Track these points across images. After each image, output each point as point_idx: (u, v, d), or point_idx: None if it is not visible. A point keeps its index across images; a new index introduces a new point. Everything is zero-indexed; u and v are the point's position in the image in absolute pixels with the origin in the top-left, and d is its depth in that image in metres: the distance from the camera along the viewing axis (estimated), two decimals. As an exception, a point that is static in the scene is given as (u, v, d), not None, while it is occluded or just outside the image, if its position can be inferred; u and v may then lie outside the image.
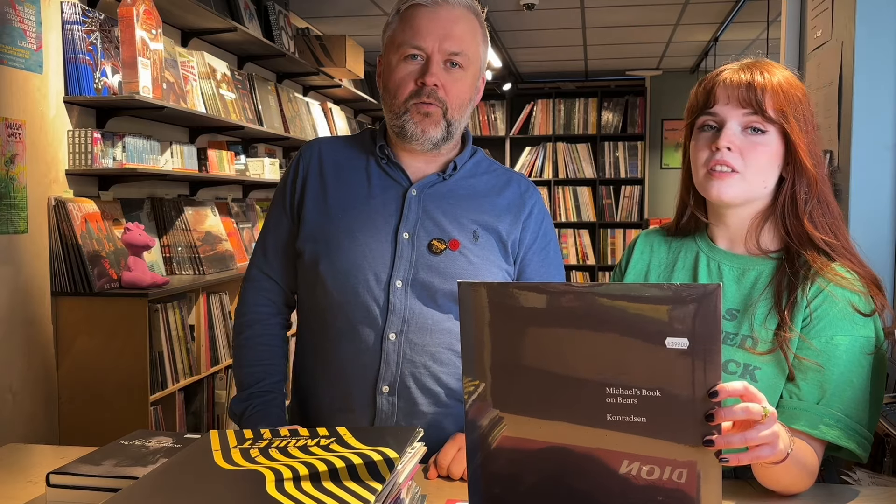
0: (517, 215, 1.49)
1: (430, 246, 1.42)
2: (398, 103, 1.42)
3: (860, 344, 1.17)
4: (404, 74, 1.42)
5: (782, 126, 1.20)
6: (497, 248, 1.46)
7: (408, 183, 1.47)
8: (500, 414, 0.96)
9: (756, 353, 1.20)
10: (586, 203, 7.67)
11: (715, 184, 1.22)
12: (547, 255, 1.52)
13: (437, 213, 1.45)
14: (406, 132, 1.43)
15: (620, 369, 0.90)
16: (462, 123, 1.47)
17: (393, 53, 1.43)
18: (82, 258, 2.68)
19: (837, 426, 1.14)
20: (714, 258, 1.31)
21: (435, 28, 1.40)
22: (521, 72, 7.39)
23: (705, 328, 0.87)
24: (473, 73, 1.46)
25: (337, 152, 1.52)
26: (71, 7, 2.75)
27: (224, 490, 0.90)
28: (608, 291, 0.91)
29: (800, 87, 1.24)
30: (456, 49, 1.41)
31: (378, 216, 1.44)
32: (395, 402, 1.41)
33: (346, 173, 1.49)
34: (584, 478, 0.94)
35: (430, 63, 1.40)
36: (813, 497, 1.17)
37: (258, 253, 1.56)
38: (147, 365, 2.69)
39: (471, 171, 1.51)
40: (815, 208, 1.23)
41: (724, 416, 0.89)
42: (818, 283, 1.20)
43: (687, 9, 5.11)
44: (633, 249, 1.43)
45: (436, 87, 1.40)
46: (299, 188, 1.50)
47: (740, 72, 1.22)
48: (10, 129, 2.51)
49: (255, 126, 3.94)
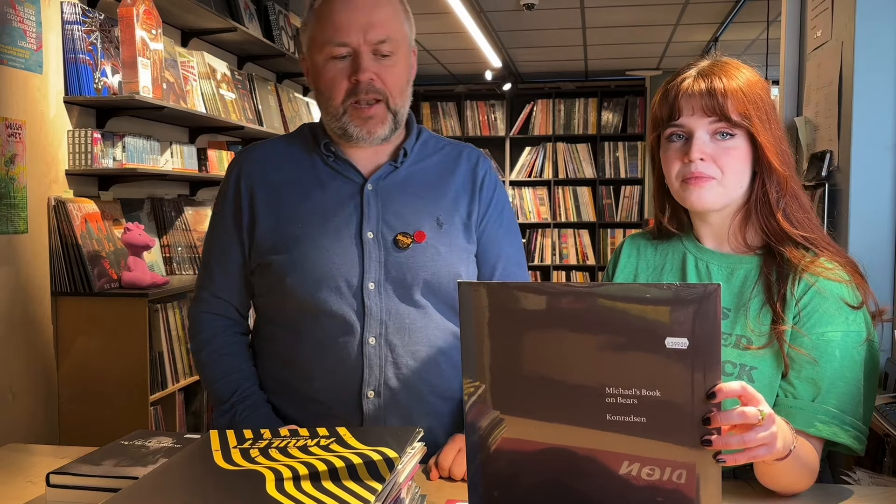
0: (473, 191, 1.47)
1: (396, 242, 1.39)
2: (335, 105, 1.38)
3: (851, 338, 1.18)
4: (335, 74, 1.37)
5: (748, 128, 1.21)
6: (461, 231, 1.44)
7: (361, 178, 1.43)
8: (500, 416, 0.96)
9: (753, 348, 1.20)
10: (586, 203, 7.67)
11: (693, 191, 1.23)
12: (502, 223, 1.49)
13: (397, 205, 1.41)
14: (349, 134, 1.39)
15: (620, 369, 0.90)
16: (406, 107, 1.43)
17: (317, 54, 1.38)
18: (82, 258, 2.68)
19: (833, 422, 1.15)
20: (702, 258, 1.31)
21: (355, 19, 1.34)
22: (521, 72, 7.39)
23: (705, 328, 0.87)
24: (404, 53, 1.41)
25: (278, 157, 1.47)
26: (71, 7, 2.75)
27: (224, 490, 0.90)
28: (608, 292, 0.91)
29: (760, 85, 1.24)
30: (382, 36, 1.35)
31: (337, 218, 1.40)
32: (380, 403, 1.39)
33: (293, 179, 1.43)
34: (583, 479, 0.94)
35: (360, 57, 1.35)
36: (813, 497, 1.17)
37: (204, 276, 1.50)
38: (147, 365, 2.69)
39: (420, 154, 1.47)
40: (788, 204, 1.24)
41: (722, 420, 0.89)
42: (805, 280, 1.21)
43: (687, 9, 5.11)
44: (620, 255, 1.43)
45: (372, 81, 1.36)
46: (246, 203, 1.43)
47: (699, 80, 1.22)
48: (10, 129, 2.51)
49: (255, 126, 3.94)
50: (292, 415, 1.44)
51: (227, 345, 1.49)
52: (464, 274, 1.43)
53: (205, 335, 1.49)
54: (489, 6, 5.01)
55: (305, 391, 1.42)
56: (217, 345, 1.48)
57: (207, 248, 1.51)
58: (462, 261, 1.43)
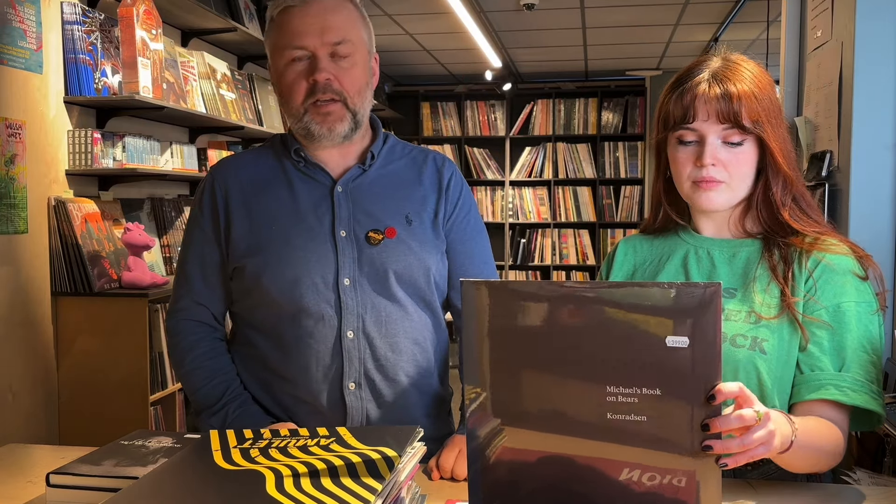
0: (439, 191, 1.52)
1: (368, 238, 1.44)
2: (296, 106, 1.44)
3: (864, 308, 1.22)
4: (294, 76, 1.43)
5: (758, 135, 1.24)
6: (430, 228, 1.49)
7: (330, 180, 1.48)
8: (501, 425, 0.96)
9: (765, 318, 1.22)
10: (586, 203, 7.67)
11: (703, 195, 1.27)
12: (469, 222, 1.55)
13: (367, 204, 1.47)
14: (312, 132, 1.44)
15: (621, 368, 0.90)
16: (366, 109, 1.49)
17: (278, 59, 1.44)
18: (82, 258, 2.68)
19: (862, 391, 1.18)
20: (702, 247, 1.34)
21: (311, 24, 1.40)
22: (521, 72, 7.39)
23: (706, 327, 0.88)
24: (362, 56, 1.46)
25: (249, 167, 1.52)
26: (71, 7, 2.75)
27: (224, 490, 0.90)
28: (610, 290, 0.91)
29: (769, 87, 1.27)
30: (337, 38, 1.41)
31: (310, 218, 1.45)
32: (362, 395, 1.43)
33: (266, 184, 1.49)
34: (584, 485, 0.94)
35: (317, 59, 1.41)
36: (813, 497, 1.18)
37: (182, 285, 1.52)
38: (147, 365, 2.69)
39: (387, 158, 1.53)
40: (793, 205, 1.28)
41: (720, 425, 0.90)
42: (814, 256, 1.25)
43: (687, 9, 5.11)
44: (615, 257, 1.45)
45: (329, 81, 1.41)
46: (222, 210, 1.48)
47: (714, 84, 1.24)
48: (10, 129, 2.51)
49: (255, 126, 3.94)
50: (277, 414, 1.47)
51: (211, 349, 1.51)
52: (433, 269, 1.49)
53: (188, 342, 1.51)
54: (489, 6, 5.01)
55: (287, 390, 1.45)
56: (201, 350, 1.50)
57: (184, 259, 1.53)
58: (432, 256, 1.48)
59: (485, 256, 1.58)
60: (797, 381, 1.22)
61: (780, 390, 1.21)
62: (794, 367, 1.22)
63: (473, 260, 1.55)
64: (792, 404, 1.22)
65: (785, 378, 1.22)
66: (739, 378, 1.20)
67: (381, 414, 1.44)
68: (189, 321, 1.52)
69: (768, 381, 1.20)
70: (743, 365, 1.21)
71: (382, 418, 1.44)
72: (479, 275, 1.54)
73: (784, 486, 1.22)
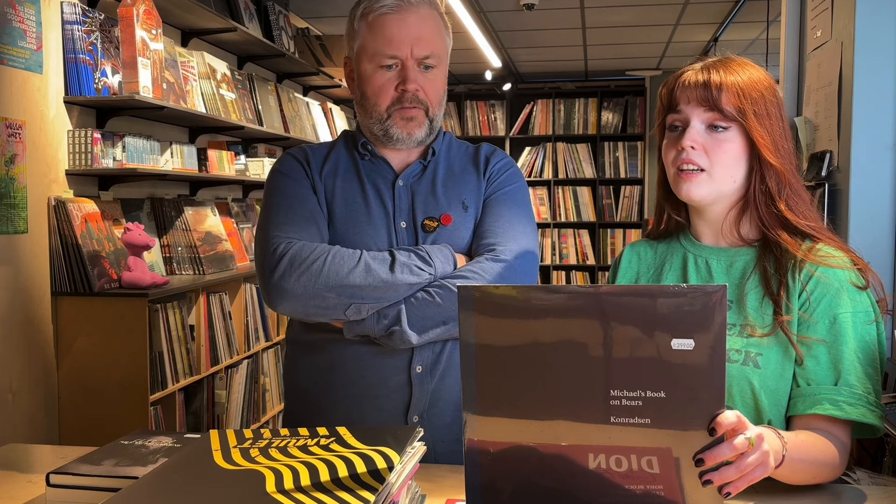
0: (486, 174, 1.57)
1: (424, 226, 1.50)
2: (380, 110, 1.50)
3: (861, 318, 1.20)
4: (383, 82, 1.49)
5: (742, 123, 1.23)
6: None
7: (393, 174, 1.55)
8: (501, 425, 0.96)
9: (757, 335, 1.21)
10: (586, 203, 7.67)
11: (684, 185, 1.27)
12: (507, 194, 1.54)
13: (426, 196, 1.52)
14: (392, 136, 1.51)
15: (625, 371, 0.90)
16: (441, 116, 1.56)
17: (367, 62, 1.49)
18: (82, 258, 2.68)
19: (859, 403, 1.16)
20: (700, 255, 1.33)
21: (406, 35, 1.46)
22: (520, 72, 7.39)
23: (711, 329, 0.87)
24: (444, 68, 1.55)
25: (322, 152, 1.58)
26: (71, 7, 2.75)
27: (224, 490, 0.90)
28: (614, 294, 0.91)
29: (763, 84, 1.26)
30: (427, 52, 1.48)
31: (374, 207, 1.51)
32: (423, 423, 1.47)
33: (337, 171, 1.55)
34: (585, 486, 0.94)
35: (407, 70, 1.47)
36: (813, 497, 1.17)
37: (280, 224, 1.44)
38: (147, 365, 2.69)
39: (445, 154, 1.59)
40: (789, 196, 1.27)
41: (714, 457, 0.90)
42: (807, 268, 1.23)
43: (687, 9, 5.11)
44: (620, 262, 1.45)
45: (416, 91, 1.49)
46: (317, 178, 1.52)
47: (700, 72, 1.26)
48: (10, 129, 2.51)
49: (255, 126, 3.94)
50: (327, 420, 1.43)
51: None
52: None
53: (305, 248, 1.40)
54: (489, 6, 5.01)
55: (346, 406, 1.48)
56: (326, 247, 1.42)
57: (279, 203, 1.48)
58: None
59: (514, 221, 1.51)
60: (794, 394, 1.21)
61: (775, 404, 1.21)
62: (789, 380, 1.21)
63: (499, 220, 1.51)
64: (790, 417, 1.22)
65: (780, 391, 1.21)
66: (733, 392, 1.20)
67: (442, 394, 1.47)
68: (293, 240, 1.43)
69: (762, 395, 1.20)
70: (737, 380, 1.20)
71: (443, 398, 1.48)
72: (502, 233, 1.49)
73: (784, 487, 1.22)
